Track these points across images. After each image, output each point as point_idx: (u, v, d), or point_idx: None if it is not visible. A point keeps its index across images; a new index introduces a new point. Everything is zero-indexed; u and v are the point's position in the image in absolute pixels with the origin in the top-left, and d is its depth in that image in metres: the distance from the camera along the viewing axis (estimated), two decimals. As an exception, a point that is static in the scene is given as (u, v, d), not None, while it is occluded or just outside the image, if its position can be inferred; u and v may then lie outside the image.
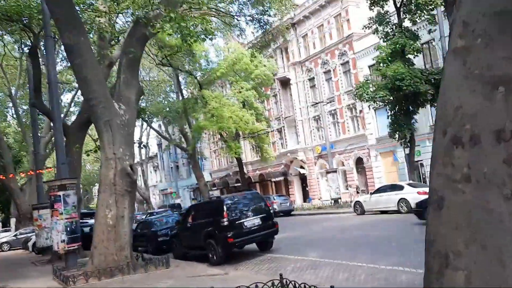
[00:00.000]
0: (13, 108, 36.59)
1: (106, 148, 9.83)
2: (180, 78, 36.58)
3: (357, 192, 29.51)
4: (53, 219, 11.76)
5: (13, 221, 39.21)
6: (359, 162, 33.14)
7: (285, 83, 39.12)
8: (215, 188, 49.90)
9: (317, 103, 32.99)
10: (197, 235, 11.62)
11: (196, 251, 11.88)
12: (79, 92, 26.29)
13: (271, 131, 37.72)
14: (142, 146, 46.83)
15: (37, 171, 18.65)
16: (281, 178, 40.54)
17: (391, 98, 19.39)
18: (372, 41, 30.53)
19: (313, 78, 36.67)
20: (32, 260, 17.18)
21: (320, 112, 36.03)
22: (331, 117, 35.10)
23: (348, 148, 33.28)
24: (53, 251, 12.09)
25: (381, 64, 20.71)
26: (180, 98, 36.76)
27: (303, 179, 39.49)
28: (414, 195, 16.68)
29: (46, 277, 11.20)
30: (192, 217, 12.20)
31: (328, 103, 34.24)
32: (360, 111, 32.18)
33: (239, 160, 34.33)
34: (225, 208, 10.67)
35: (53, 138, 32.89)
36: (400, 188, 17.52)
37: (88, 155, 12.10)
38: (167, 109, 37.95)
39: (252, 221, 10.90)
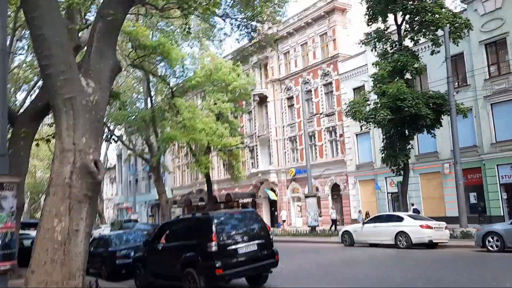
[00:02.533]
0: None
1: (64, 136, 7.27)
2: (150, 85, 33.95)
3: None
4: (-19, 229, 8.90)
5: None
6: (335, 188, 31.35)
7: (261, 100, 37.22)
8: (176, 205, 46.78)
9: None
10: (171, 261, 9.07)
11: (168, 281, 9.28)
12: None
13: (245, 147, 35.44)
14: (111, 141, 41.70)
15: None
16: (249, 199, 38.17)
17: (393, 118, 17.65)
18: (358, 63, 29.32)
19: (292, 97, 35.00)
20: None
21: (296, 133, 34.29)
22: (308, 139, 33.30)
23: (324, 173, 31.47)
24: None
25: (377, 83, 19.08)
26: (149, 105, 34.05)
27: (272, 202, 37.28)
28: (415, 228, 14.79)
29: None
30: (166, 237, 9.60)
31: (309, 121, 32.49)
32: (341, 135, 30.61)
33: (207, 176, 31.72)
34: (214, 228, 8.20)
35: None
36: (399, 219, 15.56)
37: (37, 144, 9.36)
38: (133, 117, 35.04)
39: (247, 247, 8.48)
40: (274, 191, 36.11)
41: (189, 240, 8.76)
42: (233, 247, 8.38)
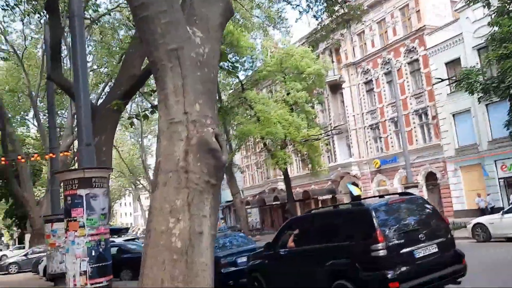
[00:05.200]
0: (32, 111, 32.95)
1: (171, 103, 5.16)
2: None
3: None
4: (69, 236, 7.11)
5: (27, 237, 35.10)
6: (430, 177, 27.91)
7: (335, 87, 34.43)
8: (249, 206, 44.98)
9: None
10: (308, 271, 6.83)
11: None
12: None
13: (328, 136, 32.69)
14: None
15: (49, 155, 13.64)
16: (329, 196, 35.45)
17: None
18: (450, 34, 25.77)
19: (371, 80, 31.93)
20: (40, 292, 12.61)
21: (378, 120, 31.19)
22: (393, 125, 30.13)
23: (416, 161, 28.09)
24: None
25: (497, 44, 15.82)
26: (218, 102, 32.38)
27: (355, 198, 34.27)
28: None
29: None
30: (297, 239, 7.34)
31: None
32: (433, 117, 27.16)
33: (286, 172, 29.49)
34: (375, 223, 5.88)
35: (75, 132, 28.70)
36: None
37: (128, 126, 7.41)
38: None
39: (425, 249, 6.05)
40: (356, 185, 33.15)
41: (335, 242, 6.44)
42: (407, 249, 5.96)
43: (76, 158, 8.93)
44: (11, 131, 24.31)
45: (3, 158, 18.85)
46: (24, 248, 34.21)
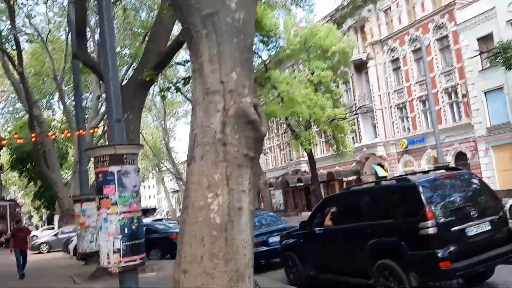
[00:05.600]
0: (57, 94, 33.28)
1: (206, 72, 4.91)
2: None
3: None
4: (101, 214, 7.01)
5: (56, 218, 35.92)
6: (460, 158, 27.12)
7: (360, 66, 33.59)
8: (272, 188, 44.88)
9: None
10: (348, 250, 6.59)
11: (342, 276, 6.77)
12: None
13: (355, 114, 32.06)
14: None
15: (79, 131, 13.55)
16: (354, 177, 34.97)
17: None
18: (482, 8, 24.66)
19: (397, 58, 31.01)
20: (71, 271, 12.72)
21: (406, 99, 30.38)
22: (421, 104, 29.33)
23: (445, 141, 27.27)
24: (101, 266, 7.36)
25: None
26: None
27: (379, 179, 33.75)
28: None
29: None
30: (334, 217, 7.06)
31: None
32: (464, 95, 26.25)
33: (310, 154, 29.13)
34: (424, 199, 5.55)
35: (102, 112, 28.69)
36: None
37: (163, 97, 7.05)
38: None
39: (478, 227, 5.71)
40: (382, 166, 32.59)
41: (377, 220, 6.14)
42: (459, 227, 5.62)
43: (106, 135, 8.82)
44: (37, 113, 24.58)
45: (33, 134, 18.97)
46: (53, 229, 35.01)
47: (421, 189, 5.67)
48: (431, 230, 5.41)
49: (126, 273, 7.01)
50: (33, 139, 18.07)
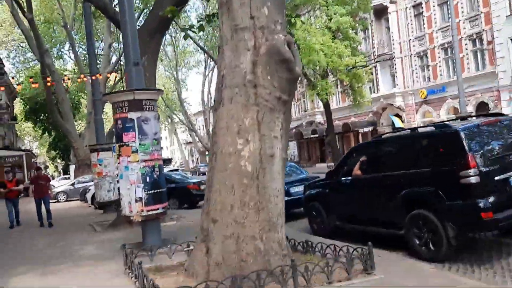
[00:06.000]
0: (68, 43, 32.61)
1: (235, 7, 4.45)
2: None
3: None
4: (122, 162, 6.74)
5: (72, 168, 36.38)
6: (481, 108, 26.29)
7: (380, 12, 32.09)
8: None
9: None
10: (377, 200, 6.26)
11: (370, 226, 6.49)
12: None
13: (371, 66, 31.08)
14: None
15: (96, 76, 13.11)
16: (370, 128, 34.39)
17: None
18: None
19: (419, 4, 29.47)
20: (91, 219, 12.76)
21: (427, 46, 29.14)
22: (443, 52, 28.15)
23: (467, 90, 26.27)
24: (122, 215, 7.19)
25: None
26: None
27: (396, 130, 33.13)
28: None
29: (111, 264, 6.35)
30: (364, 166, 6.68)
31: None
32: (489, 42, 25.02)
33: (327, 104, 28.49)
34: (466, 146, 5.16)
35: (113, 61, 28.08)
36: None
37: (186, 36, 6.52)
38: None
39: (523, 176, 5.31)
40: (400, 117, 31.88)
41: (412, 168, 5.74)
42: (502, 176, 5.23)
43: (124, 79, 8.50)
44: (49, 62, 24.12)
45: (48, 79, 18.50)
46: (69, 178, 35.54)
47: (463, 136, 5.22)
48: (474, 179, 5.01)
49: (148, 222, 6.83)
50: (48, 84, 17.62)
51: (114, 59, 30.01)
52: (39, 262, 7.10)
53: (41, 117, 40.93)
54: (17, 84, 25.05)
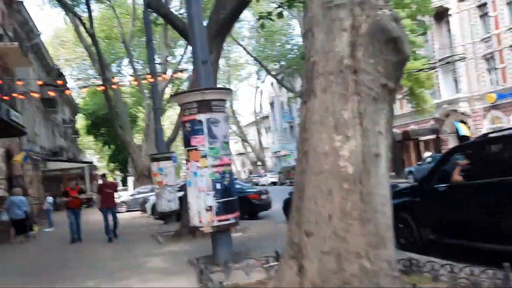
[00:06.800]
0: (127, 58, 33.61)
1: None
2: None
3: None
4: (190, 167, 6.33)
5: (130, 179, 37.21)
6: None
7: (440, 15, 30.51)
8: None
9: None
10: (488, 211, 5.32)
11: (475, 242, 5.58)
12: None
13: (432, 71, 29.58)
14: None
15: (160, 76, 12.81)
16: (432, 136, 32.59)
17: None
18: None
19: (484, 4, 27.71)
20: (153, 230, 12.56)
21: (494, 48, 27.25)
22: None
23: (542, 93, 24.30)
24: (190, 226, 6.75)
25: None
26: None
27: (461, 138, 31.15)
28: None
29: (182, 279, 5.89)
30: (465, 171, 5.81)
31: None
32: None
33: (386, 111, 27.17)
34: None
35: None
36: None
37: (262, 25, 5.92)
38: (289, 54, 32.09)
39: None
40: (464, 123, 29.96)
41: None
42: None
43: (190, 78, 8.25)
44: (109, 77, 24.82)
45: (113, 79, 18.67)
46: (127, 189, 36.32)
47: None
48: None
49: (219, 233, 6.34)
50: (114, 86, 17.67)
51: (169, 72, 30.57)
52: (106, 276, 6.84)
53: (101, 130, 42.46)
54: (84, 87, 25.71)
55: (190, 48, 30.12)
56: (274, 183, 40.49)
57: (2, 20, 20.00)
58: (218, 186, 6.14)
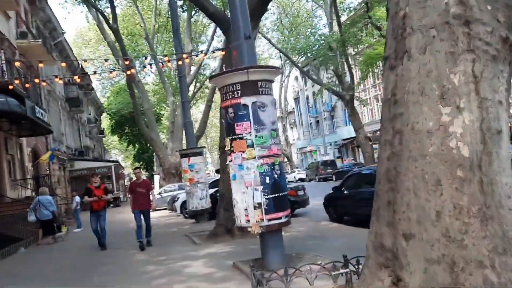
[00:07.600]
0: (150, 55, 33.17)
1: None
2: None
3: None
4: (235, 159, 5.51)
5: (156, 178, 36.91)
6: None
7: None
8: (371, 143, 42.07)
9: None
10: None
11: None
12: None
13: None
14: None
15: (181, 60, 11.65)
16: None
17: None
18: None
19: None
20: (185, 229, 11.86)
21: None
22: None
23: None
24: (236, 226, 5.96)
25: None
26: (335, 28, 29.41)
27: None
28: None
29: (231, 285, 5.10)
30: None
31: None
32: None
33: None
34: None
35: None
36: None
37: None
38: (317, 46, 31.04)
39: None
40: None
41: None
42: None
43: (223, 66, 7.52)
44: (134, 72, 24.32)
45: (127, 63, 17.64)
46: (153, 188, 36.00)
47: None
48: None
49: (269, 233, 5.51)
50: (127, 72, 16.86)
51: (193, 70, 30.01)
52: (143, 283, 6.08)
53: (126, 130, 42.33)
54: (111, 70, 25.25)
55: (216, 38, 29.20)
56: (301, 180, 39.57)
57: (25, 18, 19.69)
58: (267, 180, 5.31)
